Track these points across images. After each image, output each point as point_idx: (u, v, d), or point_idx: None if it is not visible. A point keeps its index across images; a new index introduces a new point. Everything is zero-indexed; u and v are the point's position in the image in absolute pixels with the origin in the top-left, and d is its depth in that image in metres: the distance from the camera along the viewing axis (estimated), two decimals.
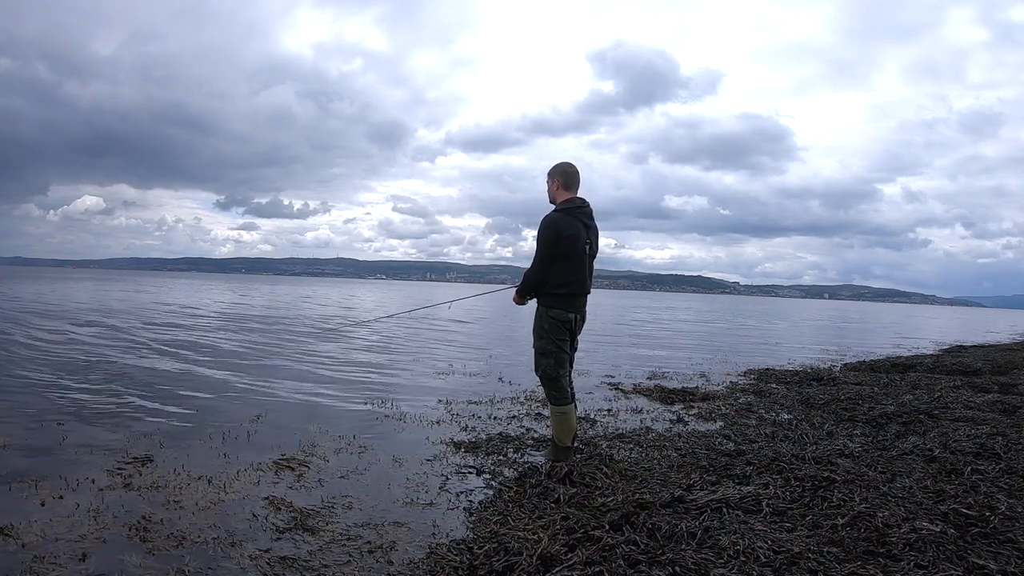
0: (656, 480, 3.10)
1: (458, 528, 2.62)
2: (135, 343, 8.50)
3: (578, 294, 3.46)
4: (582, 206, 3.46)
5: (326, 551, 2.35)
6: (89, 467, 3.16)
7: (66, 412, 4.30)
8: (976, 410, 4.91)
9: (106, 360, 6.82)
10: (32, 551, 2.24)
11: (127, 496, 2.81)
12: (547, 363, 3.46)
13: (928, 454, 3.53)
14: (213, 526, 2.52)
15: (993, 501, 2.60)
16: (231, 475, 3.14)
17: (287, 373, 6.55)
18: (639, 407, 5.33)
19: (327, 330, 11.93)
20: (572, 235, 3.36)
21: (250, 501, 2.81)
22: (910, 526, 2.33)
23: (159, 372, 6.25)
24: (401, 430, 4.29)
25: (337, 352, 8.58)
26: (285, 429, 4.12)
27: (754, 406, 5.39)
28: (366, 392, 5.62)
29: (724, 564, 2.08)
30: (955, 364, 8.23)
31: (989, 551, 2.17)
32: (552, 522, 2.53)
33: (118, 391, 5.15)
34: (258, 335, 10.54)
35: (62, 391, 5.02)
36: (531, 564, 2.14)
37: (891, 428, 4.40)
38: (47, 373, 5.84)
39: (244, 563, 2.23)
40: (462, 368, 7.45)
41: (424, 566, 2.23)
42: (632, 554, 2.16)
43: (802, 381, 6.90)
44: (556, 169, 3.53)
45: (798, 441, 3.91)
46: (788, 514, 2.54)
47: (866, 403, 5.26)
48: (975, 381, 6.63)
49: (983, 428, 4.13)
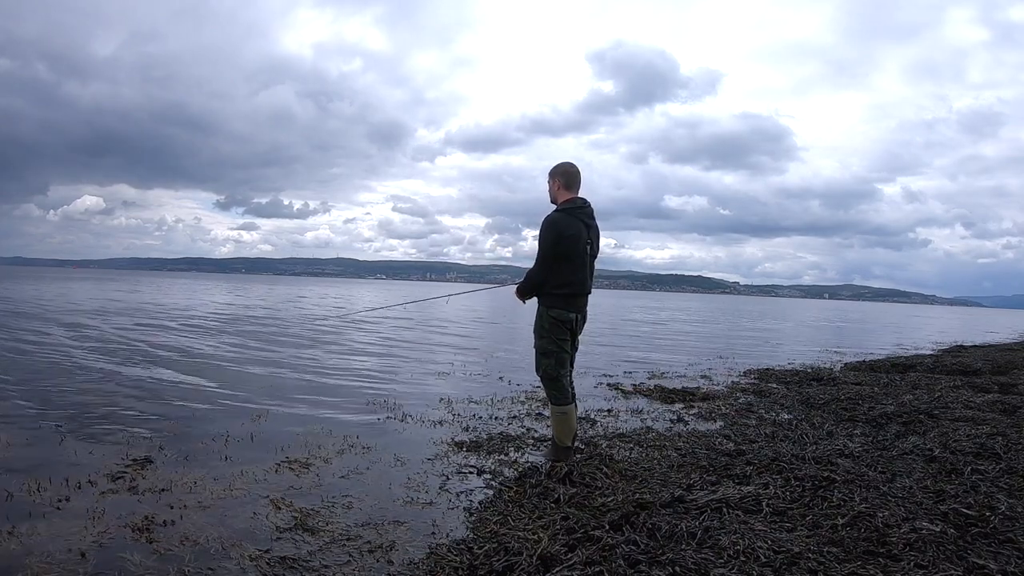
0: (656, 480, 3.10)
1: (458, 528, 2.62)
2: (132, 344, 8.50)
3: (579, 294, 3.46)
4: (583, 206, 3.45)
5: (326, 551, 2.36)
6: (89, 468, 3.16)
7: (64, 414, 4.30)
8: (976, 410, 4.91)
9: (103, 362, 6.83)
10: (33, 551, 2.24)
11: (127, 496, 2.81)
12: (548, 363, 3.46)
13: (928, 454, 3.54)
14: (214, 526, 2.53)
15: (993, 501, 2.60)
16: (231, 476, 3.14)
17: (286, 374, 6.55)
18: (639, 407, 5.33)
19: (324, 328, 11.92)
20: (573, 235, 3.36)
21: (250, 501, 2.81)
22: (910, 526, 2.34)
23: (157, 374, 6.25)
24: (402, 430, 4.29)
25: (337, 353, 8.58)
26: (284, 430, 4.12)
27: (754, 406, 5.39)
28: (366, 392, 5.62)
29: (724, 564, 2.08)
30: (955, 364, 8.24)
31: (989, 551, 2.17)
32: (552, 522, 2.53)
33: (116, 392, 5.15)
34: (257, 336, 10.54)
35: (60, 392, 5.03)
36: (531, 564, 2.14)
37: (891, 428, 4.41)
38: (45, 374, 5.85)
39: (244, 563, 2.23)
40: (462, 368, 7.45)
41: (424, 566, 2.23)
42: (632, 554, 2.17)
43: (802, 381, 6.90)
44: (557, 169, 3.52)
45: (798, 441, 3.91)
46: (788, 514, 2.54)
47: (866, 403, 5.26)
48: (975, 381, 6.63)
49: (983, 428, 4.13)
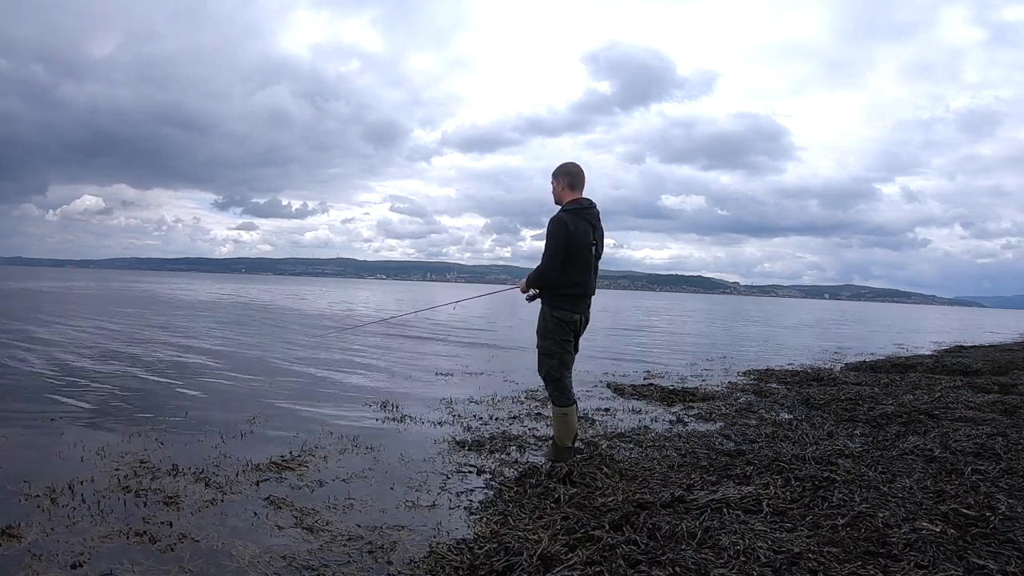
0: (656, 480, 3.09)
1: (459, 528, 2.62)
2: (130, 345, 8.50)
3: (583, 295, 3.46)
4: (589, 207, 3.45)
5: (326, 551, 2.35)
6: (87, 468, 3.16)
7: (62, 414, 4.29)
8: (976, 410, 4.91)
9: (100, 362, 6.82)
10: (32, 551, 2.24)
11: (126, 496, 2.80)
12: (551, 364, 3.45)
13: (928, 454, 3.53)
14: (213, 525, 2.52)
15: (993, 501, 2.60)
16: (230, 475, 3.13)
17: (286, 375, 6.55)
18: (639, 407, 5.33)
19: (328, 330, 11.92)
20: (581, 236, 3.36)
21: (250, 501, 2.81)
22: (910, 526, 2.34)
23: (156, 374, 6.25)
24: (402, 430, 4.29)
25: (336, 353, 8.58)
26: (284, 430, 4.12)
27: (754, 406, 5.39)
28: (366, 393, 5.62)
29: (724, 564, 2.08)
30: (955, 364, 8.24)
31: (989, 551, 2.17)
32: (552, 522, 2.53)
33: (114, 393, 5.14)
34: (256, 336, 10.54)
35: (57, 393, 5.02)
36: (531, 564, 2.14)
37: (891, 428, 4.40)
38: (42, 375, 5.84)
39: (244, 563, 2.23)
40: (463, 368, 7.45)
41: (424, 566, 2.23)
42: (632, 554, 2.16)
43: (802, 381, 6.90)
44: (561, 169, 3.52)
45: (798, 441, 3.90)
46: (788, 514, 2.54)
47: (866, 403, 5.26)
48: (975, 381, 6.63)
49: (983, 428, 4.13)
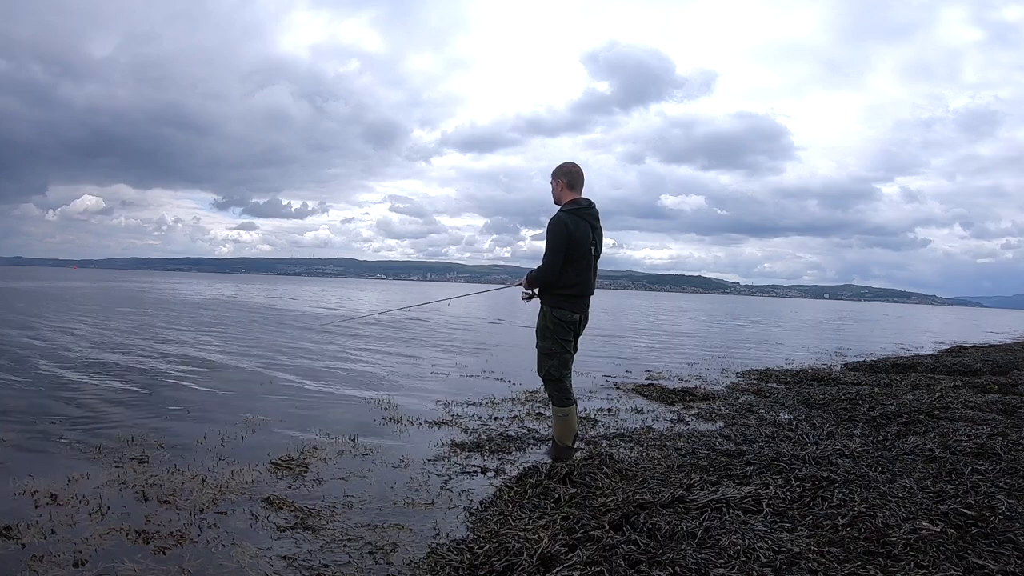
0: (656, 480, 3.09)
1: (459, 528, 2.62)
2: (130, 345, 8.50)
3: (583, 295, 3.46)
4: (589, 207, 3.45)
5: (326, 551, 2.35)
6: (87, 468, 3.16)
7: (61, 414, 4.29)
8: (976, 410, 4.90)
9: (100, 362, 6.82)
10: (32, 551, 2.24)
11: (126, 496, 2.81)
12: (551, 364, 3.45)
13: (928, 454, 3.53)
14: (213, 526, 2.52)
15: (993, 501, 2.59)
16: (229, 476, 3.13)
17: (286, 375, 6.55)
18: (639, 407, 5.33)
19: (327, 329, 11.92)
20: (581, 236, 3.36)
21: (250, 501, 2.81)
22: (910, 526, 2.33)
23: (156, 374, 6.25)
24: (402, 431, 4.28)
25: (336, 353, 8.58)
26: (284, 430, 4.12)
27: (754, 406, 5.39)
28: (367, 393, 5.61)
29: (724, 564, 2.07)
30: (955, 364, 8.23)
31: (989, 551, 2.17)
32: (552, 522, 2.53)
33: (113, 393, 5.15)
34: (256, 336, 10.54)
35: (56, 393, 5.02)
36: (531, 564, 2.14)
37: (891, 428, 4.40)
38: (41, 375, 5.84)
39: (244, 563, 2.23)
40: (463, 368, 7.45)
41: (424, 566, 2.23)
42: (632, 554, 2.16)
43: (802, 381, 6.90)
44: (560, 169, 3.52)
45: (798, 441, 3.90)
46: (788, 514, 2.54)
47: (866, 403, 5.25)
48: (975, 381, 6.63)
49: (983, 428, 4.13)
